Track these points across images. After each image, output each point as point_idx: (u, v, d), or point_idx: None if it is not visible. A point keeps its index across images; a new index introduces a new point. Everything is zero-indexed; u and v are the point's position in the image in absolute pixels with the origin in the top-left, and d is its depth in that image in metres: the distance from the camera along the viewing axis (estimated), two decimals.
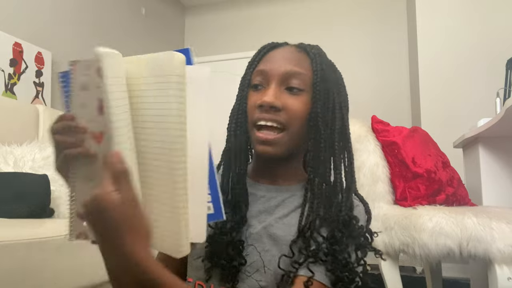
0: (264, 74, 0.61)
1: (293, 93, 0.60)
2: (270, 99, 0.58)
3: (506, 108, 1.13)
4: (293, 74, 0.60)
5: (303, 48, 0.64)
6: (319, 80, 0.61)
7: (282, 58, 0.62)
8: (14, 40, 2.05)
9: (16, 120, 1.82)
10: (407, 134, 1.36)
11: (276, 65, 0.61)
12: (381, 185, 1.30)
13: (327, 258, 0.55)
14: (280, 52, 0.63)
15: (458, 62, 2.48)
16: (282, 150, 0.60)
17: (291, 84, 0.60)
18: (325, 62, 0.63)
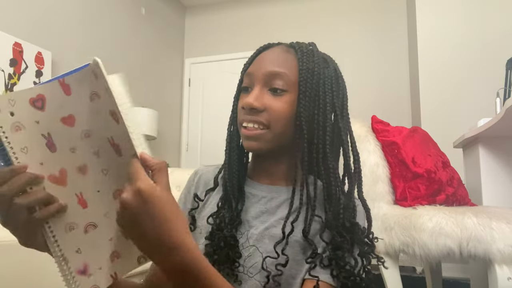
0: (250, 76, 0.62)
1: (277, 94, 0.60)
2: (250, 100, 0.59)
3: (506, 108, 1.13)
4: (276, 75, 0.60)
5: (292, 46, 0.64)
6: (303, 79, 0.60)
7: (268, 59, 0.62)
8: (14, 40, 2.05)
9: None
10: (407, 134, 1.36)
11: (261, 66, 0.61)
12: (381, 185, 1.30)
13: (330, 263, 0.54)
14: (268, 53, 0.64)
15: (458, 62, 2.48)
16: (266, 146, 0.60)
17: (274, 85, 0.60)
18: (313, 60, 0.62)
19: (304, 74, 0.60)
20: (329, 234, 0.57)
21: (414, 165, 1.30)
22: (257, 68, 0.62)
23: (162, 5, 3.59)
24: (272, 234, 0.58)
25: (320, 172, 0.59)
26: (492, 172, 1.48)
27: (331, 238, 0.56)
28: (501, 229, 1.07)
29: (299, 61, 0.61)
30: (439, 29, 2.57)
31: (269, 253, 0.56)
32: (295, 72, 0.61)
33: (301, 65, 0.60)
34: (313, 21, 3.45)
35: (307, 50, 0.63)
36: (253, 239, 0.59)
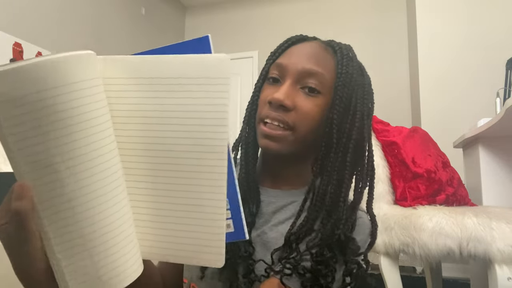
0: (281, 68, 0.56)
1: (309, 94, 0.55)
2: (281, 96, 0.53)
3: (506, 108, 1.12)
4: (312, 73, 0.55)
5: (330, 46, 0.60)
6: (341, 84, 0.55)
7: (304, 54, 0.57)
8: (14, 40, 2.05)
9: None
10: (407, 134, 1.36)
11: (295, 60, 0.56)
12: (381, 185, 1.30)
13: (305, 274, 0.49)
14: (304, 47, 0.58)
15: (458, 62, 2.48)
16: (286, 148, 0.55)
17: (308, 84, 0.54)
18: (352, 65, 0.57)
19: (343, 79, 0.55)
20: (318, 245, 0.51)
21: (414, 165, 1.30)
22: (291, 61, 0.56)
23: (162, 5, 3.59)
24: (264, 241, 0.55)
25: (331, 180, 0.54)
26: (492, 172, 1.48)
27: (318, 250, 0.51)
28: (501, 229, 1.07)
29: (339, 64, 0.57)
30: (439, 29, 2.57)
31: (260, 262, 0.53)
32: (332, 75, 0.56)
33: (340, 69, 0.56)
34: (313, 21, 3.45)
35: (346, 53, 0.58)
36: None
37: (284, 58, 0.58)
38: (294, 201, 0.58)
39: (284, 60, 0.57)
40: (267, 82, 0.59)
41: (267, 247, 0.55)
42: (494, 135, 1.45)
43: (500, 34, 2.41)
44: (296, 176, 0.60)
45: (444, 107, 2.47)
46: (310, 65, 0.55)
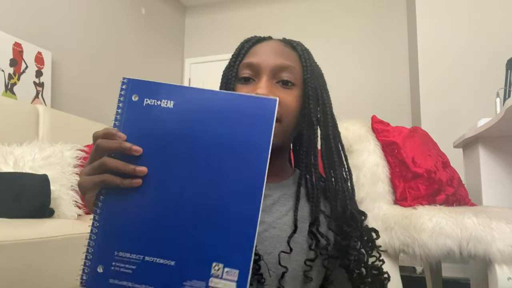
0: (253, 67, 0.59)
1: (284, 86, 0.59)
2: (264, 91, 0.56)
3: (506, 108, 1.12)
4: (284, 67, 0.58)
5: (289, 43, 0.64)
6: (309, 75, 0.60)
7: (271, 51, 0.60)
8: (14, 40, 2.05)
9: (16, 120, 1.82)
10: (407, 134, 1.36)
11: (266, 57, 0.59)
12: (381, 185, 1.30)
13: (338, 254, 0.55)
14: (267, 45, 0.62)
15: (458, 62, 2.48)
16: (276, 140, 0.57)
17: (284, 77, 0.58)
18: (311, 58, 0.63)
19: (310, 70, 0.60)
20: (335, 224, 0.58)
21: (414, 165, 1.30)
22: (262, 59, 0.59)
23: (162, 5, 3.59)
24: (272, 235, 0.57)
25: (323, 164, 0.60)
26: (492, 172, 1.48)
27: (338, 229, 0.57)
28: (501, 229, 1.07)
29: (302, 57, 0.61)
30: (439, 29, 2.57)
31: (270, 255, 0.55)
32: (299, 67, 0.61)
33: (304, 61, 0.61)
34: (313, 21, 3.45)
35: (304, 48, 0.63)
36: None
37: (253, 57, 0.60)
38: (286, 192, 0.62)
39: (253, 59, 0.60)
40: (238, 82, 0.61)
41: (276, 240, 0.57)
42: (494, 135, 1.45)
43: (500, 34, 2.41)
44: (281, 168, 0.65)
45: (444, 107, 2.46)
46: (281, 60, 0.59)
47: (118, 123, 0.43)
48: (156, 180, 0.42)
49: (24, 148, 1.58)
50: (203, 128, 0.42)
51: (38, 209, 1.34)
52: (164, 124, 0.42)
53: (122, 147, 0.41)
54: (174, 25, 3.81)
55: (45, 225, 1.21)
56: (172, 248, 0.41)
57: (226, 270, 0.40)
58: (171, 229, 0.42)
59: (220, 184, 0.41)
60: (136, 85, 0.43)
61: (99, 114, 2.65)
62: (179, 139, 0.42)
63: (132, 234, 0.42)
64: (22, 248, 0.98)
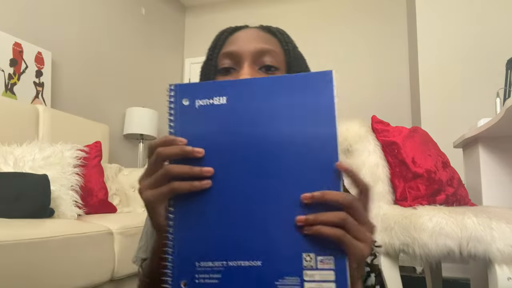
0: (233, 56, 0.57)
1: (269, 72, 0.56)
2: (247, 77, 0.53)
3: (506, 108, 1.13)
4: (265, 51, 0.56)
5: (267, 29, 0.61)
6: (292, 58, 0.58)
7: (249, 37, 0.58)
8: (14, 40, 2.05)
9: (16, 120, 1.82)
10: (407, 134, 1.36)
11: (245, 44, 0.56)
12: (381, 185, 1.30)
13: None
14: (245, 33, 0.59)
15: (458, 62, 2.48)
16: None
17: (266, 62, 0.56)
18: (292, 42, 0.61)
19: (292, 53, 0.59)
20: None
21: (414, 165, 1.30)
22: (241, 46, 0.56)
23: (162, 5, 3.59)
24: None
25: None
26: (492, 172, 1.48)
27: None
28: (501, 229, 1.07)
29: (282, 41, 0.59)
30: (439, 29, 2.57)
31: None
32: (281, 51, 0.59)
33: (285, 45, 0.59)
34: (313, 22, 3.45)
35: (283, 32, 0.61)
36: None
37: (231, 46, 0.58)
38: None
39: (232, 47, 0.57)
40: (218, 74, 0.58)
41: None
42: (494, 135, 1.45)
43: (500, 34, 2.41)
44: None
45: (444, 107, 2.47)
46: (261, 45, 0.56)
47: (173, 130, 0.41)
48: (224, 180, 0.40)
49: (24, 148, 1.58)
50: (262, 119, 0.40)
51: (38, 209, 1.34)
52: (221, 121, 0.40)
53: (185, 150, 0.39)
54: (174, 25, 3.81)
55: (45, 225, 1.21)
56: (255, 247, 0.38)
57: (319, 259, 0.37)
58: (250, 228, 0.38)
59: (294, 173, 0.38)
60: (184, 89, 0.41)
61: (99, 114, 2.65)
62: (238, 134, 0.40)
63: (210, 240, 0.39)
64: (22, 248, 0.98)
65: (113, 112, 2.86)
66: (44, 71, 2.23)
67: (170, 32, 3.73)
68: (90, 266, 1.24)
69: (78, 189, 1.60)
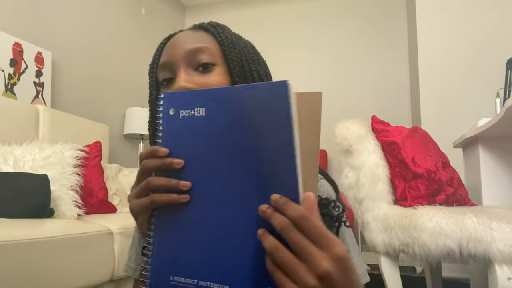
0: (167, 65, 0.56)
1: (206, 70, 0.55)
2: (181, 83, 0.52)
3: (506, 108, 1.13)
4: (197, 50, 0.55)
5: (198, 26, 0.60)
6: (226, 48, 0.56)
7: (180, 42, 0.57)
8: (14, 40, 2.05)
9: (16, 120, 1.82)
10: (407, 134, 1.36)
11: (175, 50, 0.56)
12: (381, 185, 1.30)
13: None
14: (176, 39, 0.58)
15: (458, 62, 2.48)
16: None
17: (202, 61, 0.54)
18: (228, 32, 0.59)
19: (226, 44, 0.57)
20: None
21: (414, 165, 1.30)
22: (171, 53, 0.56)
23: (162, 5, 3.59)
24: None
25: None
26: (492, 172, 1.48)
27: None
28: (501, 229, 1.07)
29: (215, 35, 0.58)
30: (439, 29, 2.57)
31: None
32: (215, 44, 0.57)
33: (219, 37, 0.57)
34: (313, 22, 3.45)
35: (217, 25, 0.59)
36: None
37: (164, 56, 0.57)
38: None
39: (164, 58, 0.57)
40: (163, 88, 0.58)
41: None
42: (494, 135, 1.45)
43: (500, 34, 2.41)
44: None
45: (444, 107, 2.46)
46: (191, 45, 0.55)
47: (160, 140, 0.42)
48: (202, 194, 0.40)
49: (24, 148, 1.58)
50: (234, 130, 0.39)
51: (38, 209, 1.34)
52: (200, 133, 0.40)
53: (164, 162, 0.40)
54: (174, 25, 3.81)
55: (45, 225, 1.21)
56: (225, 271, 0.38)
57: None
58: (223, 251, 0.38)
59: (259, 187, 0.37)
60: (171, 99, 0.42)
61: (99, 114, 2.65)
62: (216, 146, 0.39)
63: (185, 257, 0.40)
64: (22, 248, 0.98)
65: (113, 112, 2.85)
66: (44, 71, 2.23)
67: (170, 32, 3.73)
68: (90, 266, 1.24)
69: (78, 189, 1.60)
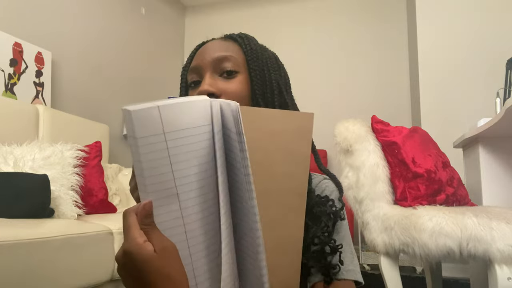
0: (195, 69, 0.62)
1: (229, 76, 0.60)
2: (205, 87, 0.58)
3: (506, 108, 1.13)
4: (223, 58, 0.61)
5: (228, 36, 0.67)
6: (250, 58, 0.62)
7: (209, 49, 0.63)
8: (14, 40, 2.05)
9: (16, 120, 1.82)
10: (407, 134, 1.36)
11: (205, 56, 0.62)
12: (381, 185, 1.30)
13: None
14: (206, 46, 0.65)
15: (458, 62, 2.48)
16: None
17: (225, 68, 0.60)
18: (254, 43, 0.65)
19: (250, 54, 0.62)
20: None
21: (414, 165, 1.30)
22: (201, 59, 0.62)
23: (162, 5, 3.59)
24: None
25: None
26: (492, 172, 1.48)
27: None
28: (501, 229, 1.07)
29: (241, 45, 0.63)
30: (439, 29, 2.57)
31: None
32: (241, 54, 0.63)
33: (244, 47, 0.63)
34: (313, 22, 3.45)
35: (245, 36, 0.66)
36: None
37: (194, 61, 0.64)
38: None
39: (194, 62, 0.63)
40: (190, 90, 0.64)
41: None
42: (494, 135, 1.45)
43: (500, 34, 2.41)
44: None
45: (444, 107, 2.47)
46: (218, 53, 0.61)
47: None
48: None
49: (24, 148, 1.58)
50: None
51: (38, 209, 1.34)
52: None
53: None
54: (174, 25, 3.81)
55: (45, 225, 1.21)
56: None
57: None
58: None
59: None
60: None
61: (99, 114, 2.65)
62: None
63: None
64: (22, 248, 0.98)
65: (113, 112, 2.85)
66: (44, 71, 2.23)
67: (170, 32, 3.73)
68: (90, 266, 1.24)
69: (78, 189, 1.60)
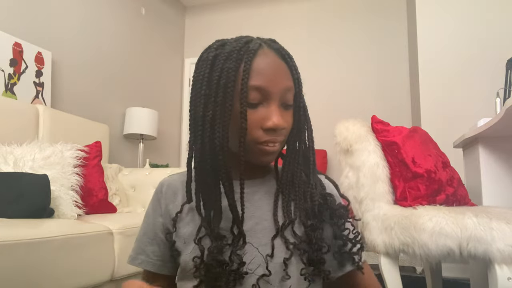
0: (263, 92, 0.56)
1: (287, 109, 0.59)
2: (281, 123, 0.56)
3: (506, 108, 1.12)
4: (289, 90, 0.58)
5: (281, 55, 0.60)
6: (298, 90, 0.60)
7: (275, 70, 0.57)
8: (14, 40, 2.05)
9: (16, 120, 1.82)
10: (407, 134, 1.36)
11: (274, 81, 0.56)
12: (381, 185, 1.30)
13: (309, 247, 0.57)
14: (268, 62, 0.57)
15: (458, 62, 2.48)
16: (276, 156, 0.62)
17: (288, 102, 0.59)
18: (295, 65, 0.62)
19: (298, 86, 0.60)
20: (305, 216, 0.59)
21: (414, 165, 1.30)
22: (270, 84, 0.56)
23: (162, 5, 3.59)
24: (264, 226, 0.59)
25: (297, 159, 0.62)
26: (492, 172, 1.48)
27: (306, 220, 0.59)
28: (501, 229, 1.07)
29: (291, 70, 0.60)
30: (439, 29, 2.57)
31: (265, 246, 0.57)
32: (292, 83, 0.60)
33: (295, 73, 0.60)
34: (313, 22, 3.45)
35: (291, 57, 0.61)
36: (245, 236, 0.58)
37: (259, 79, 0.56)
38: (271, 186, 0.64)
39: (261, 82, 0.55)
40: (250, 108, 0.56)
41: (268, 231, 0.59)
42: (494, 135, 1.45)
43: (500, 34, 2.41)
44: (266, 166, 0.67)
45: (444, 107, 2.47)
46: (286, 83, 0.58)
47: None
48: None
49: (24, 148, 1.58)
50: None
51: (38, 209, 1.34)
52: None
53: None
54: (174, 25, 3.81)
55: (45, 225, 1.21)
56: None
57: None
58: None
59: None
60: None
61: (99, 114, 2.65)
62: None
63: None
64: (22, 248, 0.98)
65: (113, 112, 2.85)
66: (44, 71, 2.23)
67: (170, 32, 3.73)
68: (90, 266, 1.24)
69: (78, 189, 1.60)
